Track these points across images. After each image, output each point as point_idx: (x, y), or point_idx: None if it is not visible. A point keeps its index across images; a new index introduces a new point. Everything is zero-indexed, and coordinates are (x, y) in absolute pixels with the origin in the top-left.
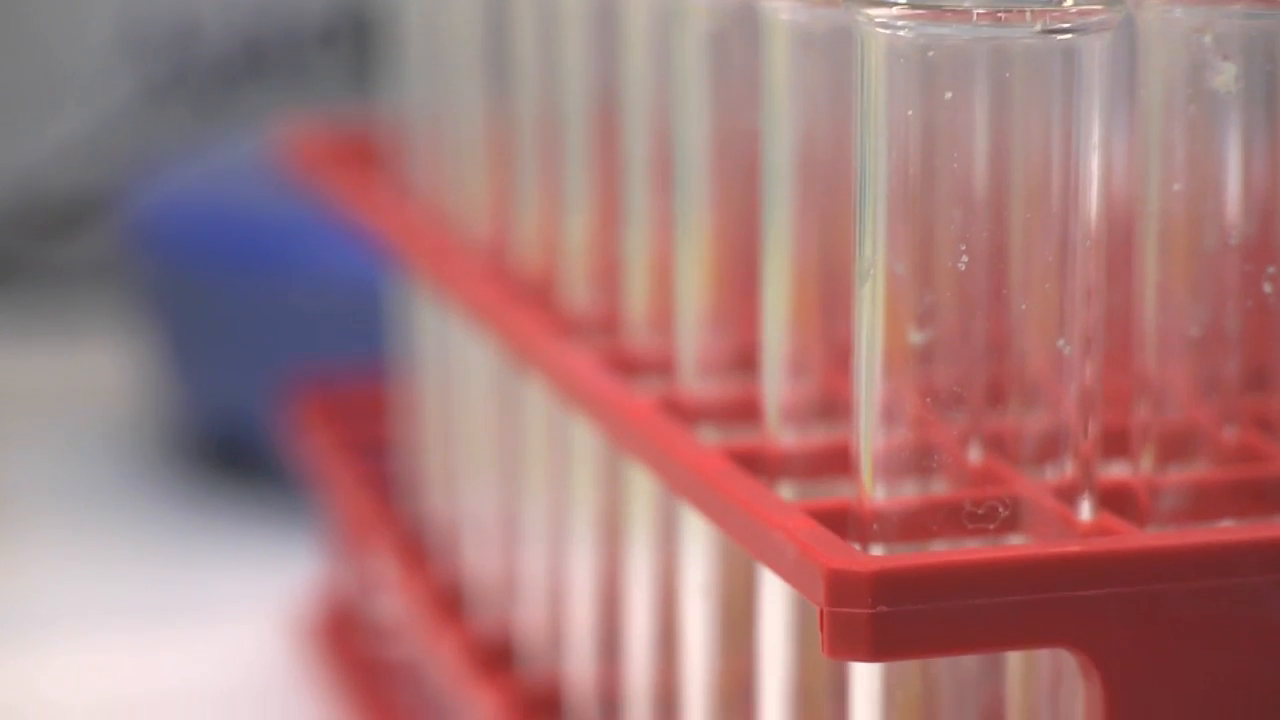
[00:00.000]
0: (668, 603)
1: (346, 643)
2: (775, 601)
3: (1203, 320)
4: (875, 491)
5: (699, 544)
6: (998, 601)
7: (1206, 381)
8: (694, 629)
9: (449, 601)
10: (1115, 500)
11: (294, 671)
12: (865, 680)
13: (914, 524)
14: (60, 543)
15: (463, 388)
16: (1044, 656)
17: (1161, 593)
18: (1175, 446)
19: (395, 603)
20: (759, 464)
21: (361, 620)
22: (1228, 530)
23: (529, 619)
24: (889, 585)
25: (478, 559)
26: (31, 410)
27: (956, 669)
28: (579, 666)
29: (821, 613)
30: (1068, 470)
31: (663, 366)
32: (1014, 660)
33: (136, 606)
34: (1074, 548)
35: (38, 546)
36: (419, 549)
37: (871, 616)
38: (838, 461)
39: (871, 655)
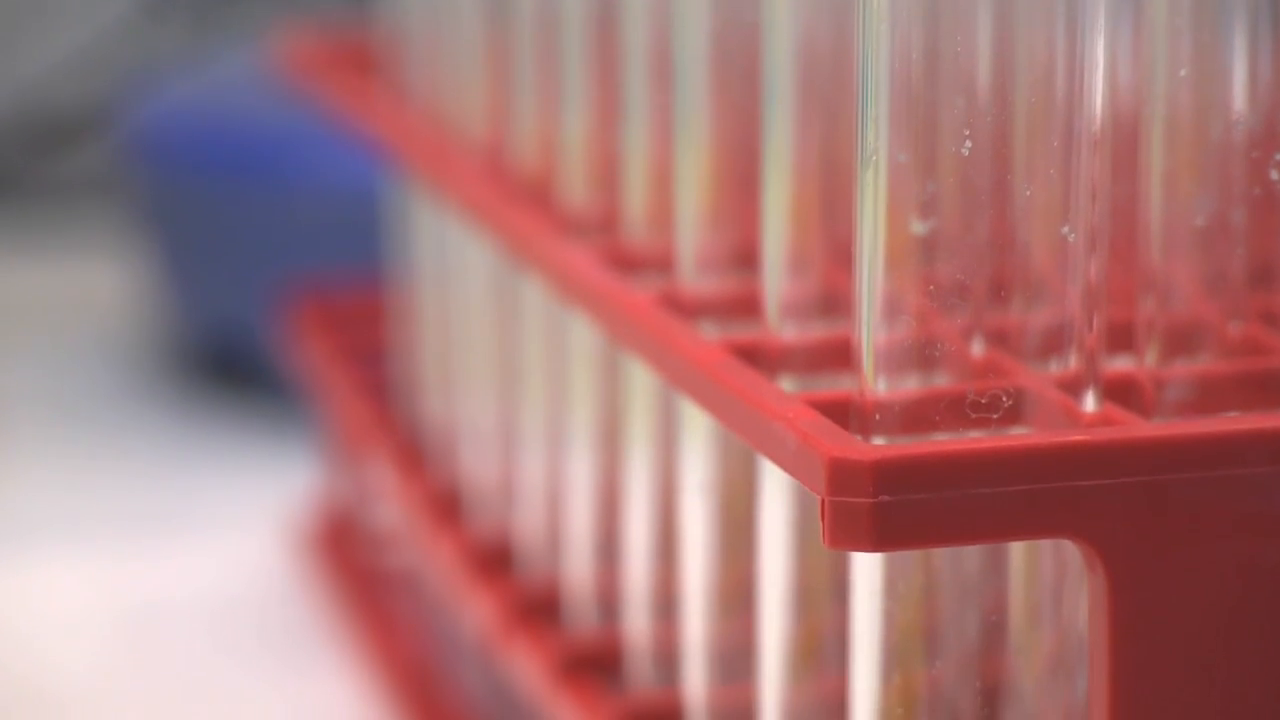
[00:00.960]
0: (667, 504)
1: (344, 552)
2: (776, 500)
3: (1208, 210)
4: (877, 384)
5: (698, 441)
6: (1001, 491)
7: (1212, 276)
8: (694, 529)
9: (447, 506)
10: (1120, 393)
11: (291, 581)
12: (866, 573)
13: (916, 415)
14: (58, 455)
15: (461, 292)
16: (1047, 549)
17: (1166, 483)
18: (1180, 340)
19: (393, 509)
20: (759, 358)
21: (359, 529)
22: (1233, 420)
23: (527, 522)
24: (891, 474)
25: (476, 463)
26: (30, 323)
27: (958, 561)
28: (577, 569)
29: (823, 502)
30: (1072, 364)
31: (662, 264)
32: (1017, 553)
33: (134, 517)
34: (1078, 437)
35: (36, 459)
36: (416, 454)
37: (873, 506)
38: (839, 356)
39: (873, 545)
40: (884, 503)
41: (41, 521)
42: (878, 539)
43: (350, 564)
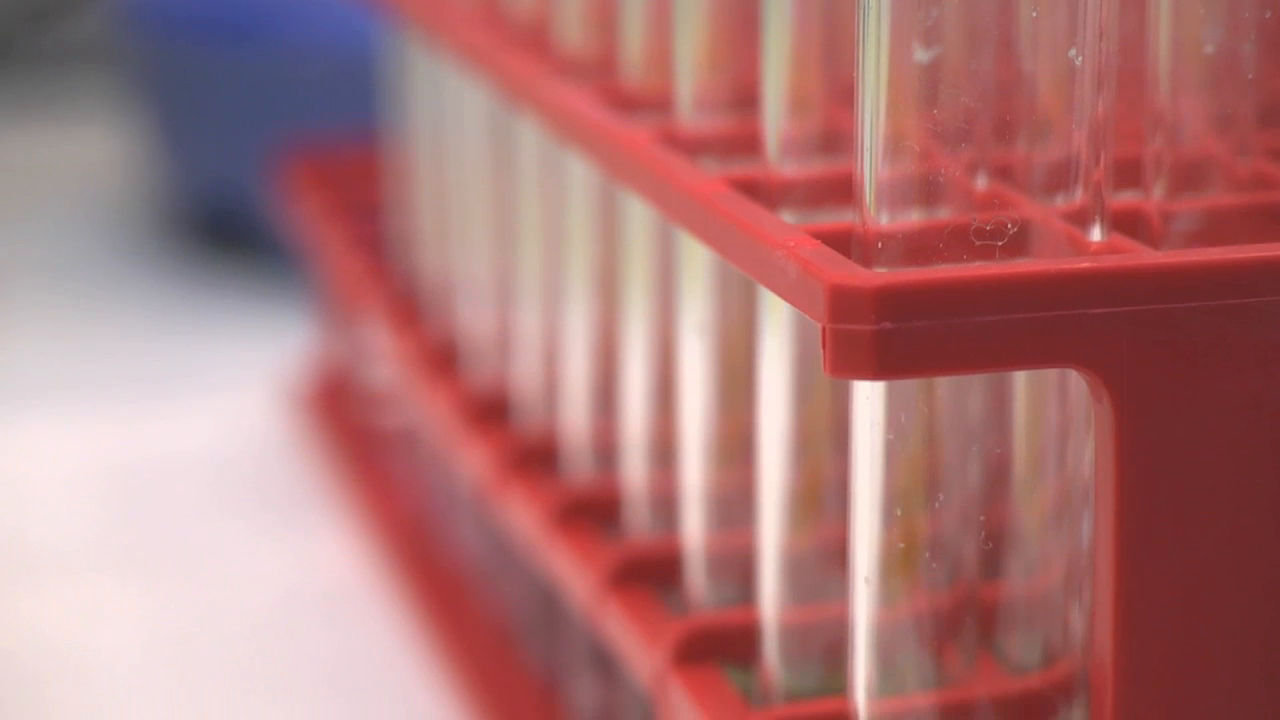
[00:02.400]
0: (665, 352)
1: (340, 411)
2: (776, 341)
3: (1217, 39)
4: (879, 216)
5: (697, 282)
6: (1006, 319)
7: (1220, 114)
8: (692, 373)
9: (443, 358)
10: (1127, 225)
11: (287, 440)
12: (867, 405)
13: (919, 245)
14: (55, 318)
15: (457, 143)
16: (1052, 390)
17: (1174, 312)
18: (1188, 175)
19: (389, 363)
20: (759, 193)
21: (354, 389)
22: (1242, 249)
23: (524, 373)
24: (893, 300)
25: (472, 315)
26: (25, 190)
27: (961, 396)
28: (574, 419)
29: (824, 330)
30: (1078, 197)
31: (661, 105)
32: (1021, 392)
33: (131, 379)
34: (1084, 264)
35: (33, 323)
36: (412, 308)
37: (875, 333)
38: (841, 192)
39: (875, 373)
40: (886, 330)
41: (38, 384)
42: (879, 367)
43: (345, 423)
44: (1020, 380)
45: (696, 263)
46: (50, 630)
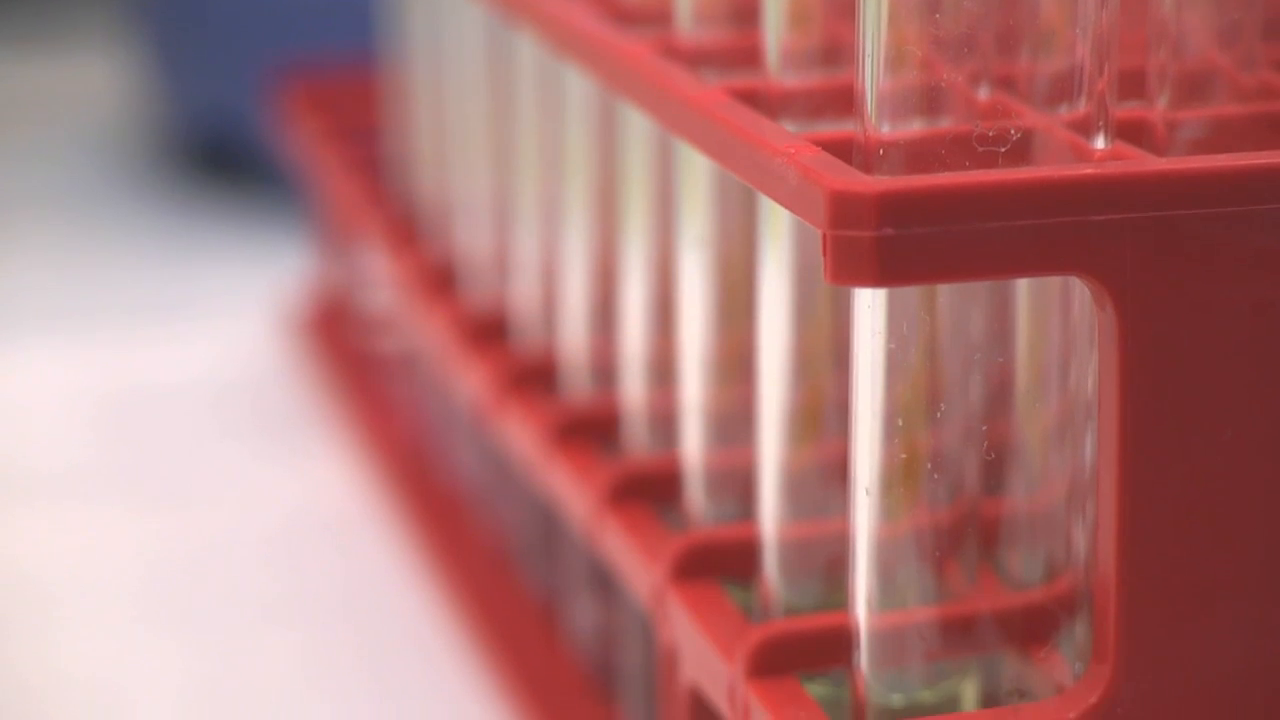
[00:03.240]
0: (665, 271)
1: (337, 336)
2: (775, 257)
3: None
4: (880, 125)
5: (697, 195)
6: (1009, 226)
7: (1225, 25)
8: (691, 287)
9: (441, 279)
10: (1131, 134)
11: (285, 365)
12: (868, 313)
13: (921, 152)
14: (53, 246)
15: (455, 63)
16: (1054, 304)
17: (1177, 219)
18: (1193, 86)
19: (387, 286)
20: (760, 103)
21: (352, 314)
22: (1244, 156)
23: (522, 293)
24: (895, 206)
25: (470, 236)
26: (22, 117)
27: (963, 305)
28: (573, 338)
29: (825, 237)
30: (1082, 106)
31: (660, 18)
32: (1023, 303)
33: (129, 306)
34: (1087, 171)
35: (31, 250)
36: (410, 230)
37: (876, 240)
38: (841, 103)
39: (876, 280)
40: (888, 236)
41: (36, 311)
42: (881, 274)
43: (343, 348)
44: (1023, 294)
45: (696, 177)
46: (51, 554)
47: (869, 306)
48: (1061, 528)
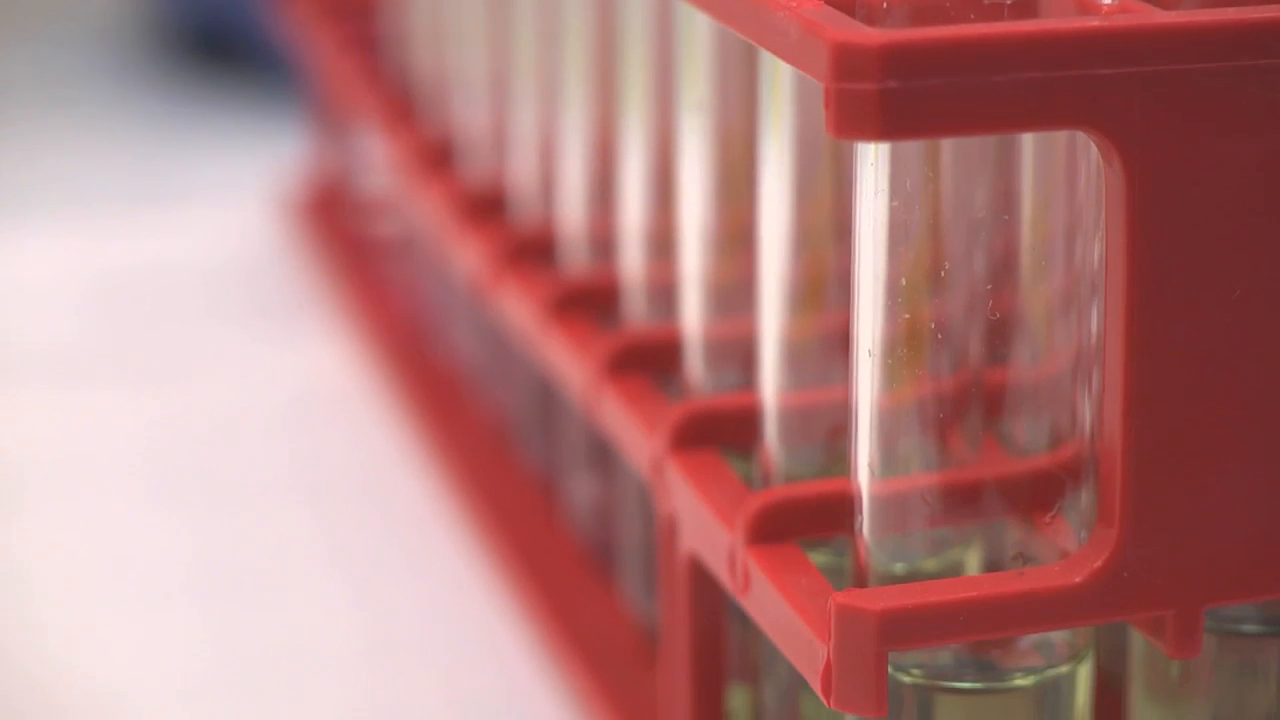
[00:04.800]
0: (664, 146)
1: (333, 220)
2: (776, 123)
3: None
4: None
5: (697, 57)
6: (1015, 79)
7: None
8: (691, 155)
9: (439, 156)
10: None
11: (283, 249)
12: (870, 170)
13: (925, 6)
14: (47, 133)
15: None
16: (1059, 166)
17: (1185, 73)
18: None
19: (384, 164)
20: None
21: (348, 198)
22: (1253, 9)
23: (520, 168)
24: (899, 58)
25: (468, 112)
26: (17, 6)
27: (967, 161)
28: (571, 212)
29: (827, 90)
30: None
31: None
32: (1027, 161)
33: (125, 192)
34: (1094, 23)
35: (25, 137)
36: (407, 107)
37: (880, 92)
38: None
39: (879, 134)
40: (891, 89)
41: (31, 197)
42: (884, 127)
43: (340, 231)
44: (1028, 160)
45: (696, 40)
46: (53, 435)
47: (872, 163)
48: (1066, 397)
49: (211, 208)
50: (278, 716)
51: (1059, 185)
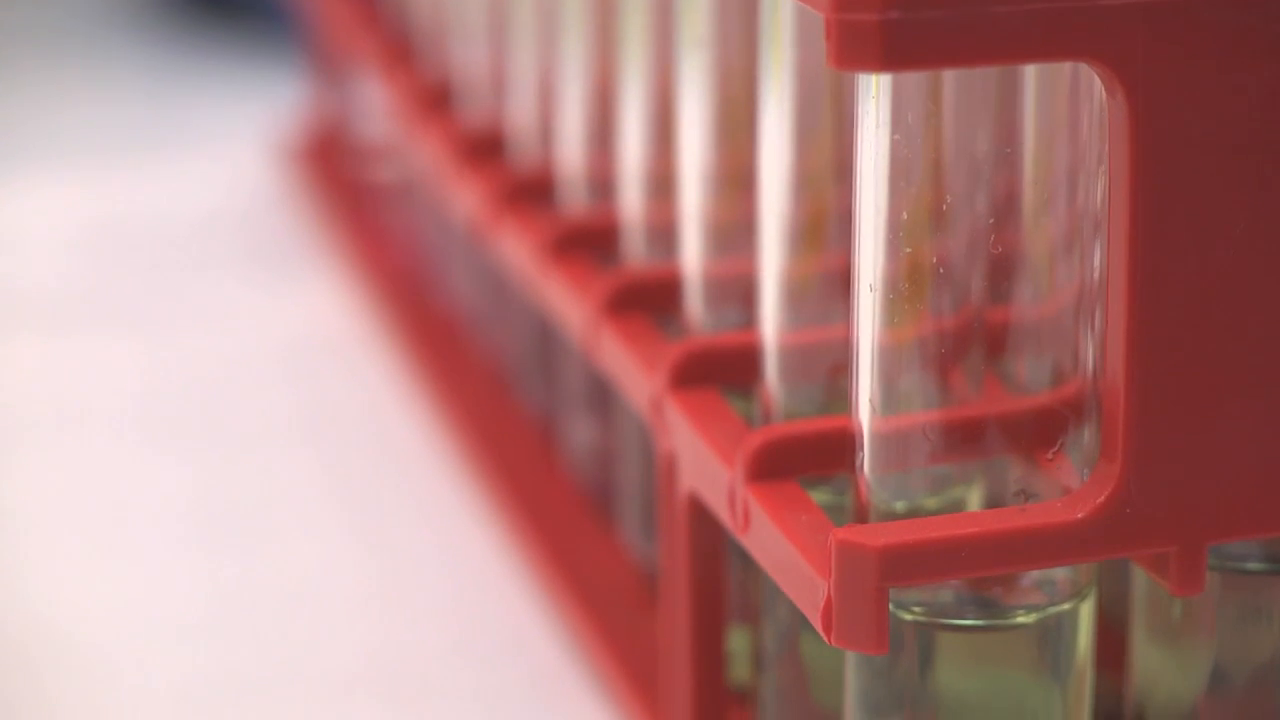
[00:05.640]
0: (663, 87)
1: (331, 166)
2: (776, 59)
3: None
4: None
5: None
6: (1018, 9)
7: None
8: (691, 94)
9: (437, 98)
10: None
11: (282, 195)
12: (872, 103)
13: None
14: (45, 80)
15: None
16: (1062, 104)
17: (1188, 4)
18: None
19: (383, 106)
20: None
21: (346, 144)
22: None
23: (519, 110)
24: None
25: (466, 54)
26: None
27: (969, 95)
28: (570, 153)
29: (828, 21)
30: None
31: None
32: (1031, 91)
33: (123, 139)
34: None
35: (24, 85)
36: (405, 49)
37: (881, 23)
38: None
39: (881, 64)
40: (893, 19)
41: (29, 145)
42: (885, 58)
43: (338, 177)
44: (1030, 97)
45: None
46: (50, 380)
47: (873, 97)
48: (1069, 334)
49: (209, 154)
50: (277, 660)
51: (1062, 122)
